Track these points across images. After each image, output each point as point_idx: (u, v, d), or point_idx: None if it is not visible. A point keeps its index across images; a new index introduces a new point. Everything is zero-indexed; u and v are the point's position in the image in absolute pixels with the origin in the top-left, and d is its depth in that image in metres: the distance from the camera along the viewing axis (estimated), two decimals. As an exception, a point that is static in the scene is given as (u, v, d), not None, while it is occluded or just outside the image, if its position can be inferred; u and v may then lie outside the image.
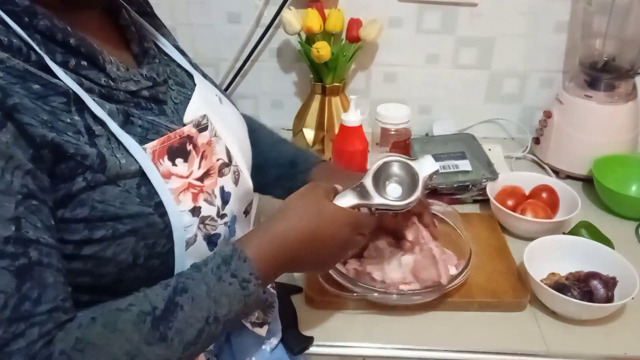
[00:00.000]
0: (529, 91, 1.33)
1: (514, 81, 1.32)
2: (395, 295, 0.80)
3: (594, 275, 0.84)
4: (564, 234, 0.98)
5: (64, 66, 0.54)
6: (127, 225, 0.54)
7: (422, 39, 1.27)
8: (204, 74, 0.78)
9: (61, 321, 0.49)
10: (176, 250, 0.58)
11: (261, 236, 0.61)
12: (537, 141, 1.26)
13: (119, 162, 0.54)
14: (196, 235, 0.59)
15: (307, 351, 0.77)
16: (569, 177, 1.18)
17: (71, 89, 0.53)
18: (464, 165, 1.11)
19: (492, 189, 1.05)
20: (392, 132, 1.07)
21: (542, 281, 0.84)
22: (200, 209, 0.59)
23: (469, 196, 1.09)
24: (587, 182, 1.15)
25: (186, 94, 0.68)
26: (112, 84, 0.58)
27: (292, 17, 1.17)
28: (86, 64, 0.57)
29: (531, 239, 0.91)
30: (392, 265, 0.82)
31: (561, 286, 0.83)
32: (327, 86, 1.23)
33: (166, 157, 0.57)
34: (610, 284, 0.83)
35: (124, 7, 0.68)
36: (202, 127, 0.63)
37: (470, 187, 1.07)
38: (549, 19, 1.24)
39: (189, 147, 0.60)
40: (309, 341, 0.78)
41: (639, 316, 0.84)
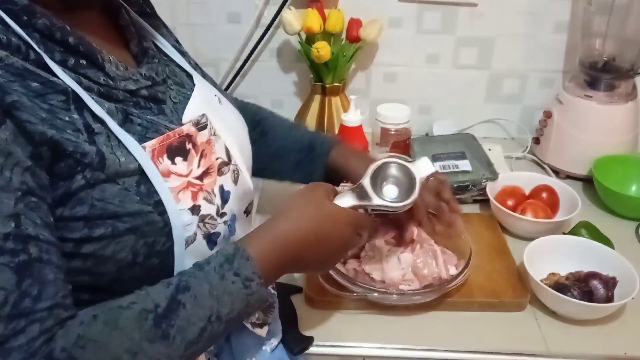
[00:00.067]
0: (529, 91, 1.33)
1: (514, 81, 1.32)
2: (395, 295, 0.80)
3: (594, 275, 0.84)
4: (564, 234, 0.98)
5: (63, 65, 0.54)
6: (126, 223, 0.54)
7: (422, 39, 1.27)
8: (205, 74, 0.79)
9: (61, 318, 0.49)
10: (176, 248, 0.57)
11: (263, 236, 0.61)
12: (537, 141, 1.26)
13: (119, 160, 0.54)
14: (196, 233, 0.59)
15: (307, 351, 0.77)
16: (569, 177, 1.18)
17: (70, 87, 0.53)
18: (464, 165, 1.11)
19: (492, 189, 1.05)
20: (392, 132, 1.07)
21: (542, 281, 0.84)
22: (199, 207, 0.59)
23: (469, 196, 1.09)
24: (587, 182, 1.15)
25: (185, 94, 0.68)
26: (111, 82, 0.58)
27: (292, 17, 1.17)
28: (85, 62, 0.57)
29: (531, 239, 0.91)
30: (392, 263, 0.82)
31: (561, 286, 0.83)
32: (327, 86, 1.23)
33: (165, 156, 0.57)
34: (610, 284, 0.83)
35: (123, 8, 0.68)
36: (201, 125, 0.63)
37: (470, 187, 1.07)
38: (549, 19, 1.24)
39: (189, 145, 0.60)
40: (309, 341, 0.78)
41: (639, 316, 0.84)
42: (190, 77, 0.72)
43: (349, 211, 0.68)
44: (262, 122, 0.91)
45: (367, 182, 0.70)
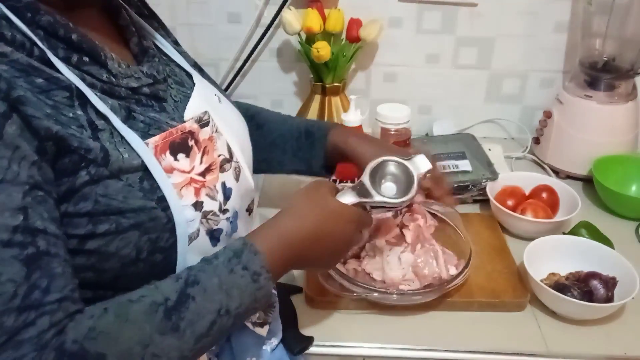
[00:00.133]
0: (529, 91, 1.33)
1: (514, 81, 1.32)
2: (395, 295, 0.80)
3: (594, 275, 0.84)
4: (564, 234, 0.98)
5: (66, 62, 0.55)
6: (130, 219, 0.54)
7: (422, 39, 1.27)
8: (204, 74, 0.79)
9: (70, 312, 0.49)
10: (179, 245, 0.58)
11: (269, 232, 0.62)
12: (537, 141, 1.26)
13: (122, 157, 0.54)
14: (199, 230, 0.59)
15: (307, 351, 0.77)
16: (569, 177, 1.18)
17: (74, 84, 0.53)
18: (464, 165, 1.11)
19: (492, 189, 1.05)
20: (392, 132, 1.07)
21: (542, 281, 0.84)
22: (202, 203, 0.59)
23: (469, 196, 1.09)
24: (587, 182, 1.15)
25: (185, 93, 0.68)
26: (114, 80, 0.59)
27: (292, 17, 1.17)
28: (88, 60, 0.57)
29: (531, 239, 0.91)
30: (392, 263, 0.82)
31: (561, 286, 0.83)
32: (327, 86, 1.23)
33: (168, 152, 0.58)
34: (610, 284, 0.83)
35: (123, 7, 0.68)
36: (203, 122, 0.63)
37: (470, 187, 1.07)
38: (549, 19, 1.24)
39: (191, 142, 0.60)
40: (309, 341, 0.78)
41: (639, 316, 0.84)
42: (190, 76, 0.72)
43: (352, 208, 0.68)
44: (256, 116, 0.92)
45: (366, 179, 0.71)
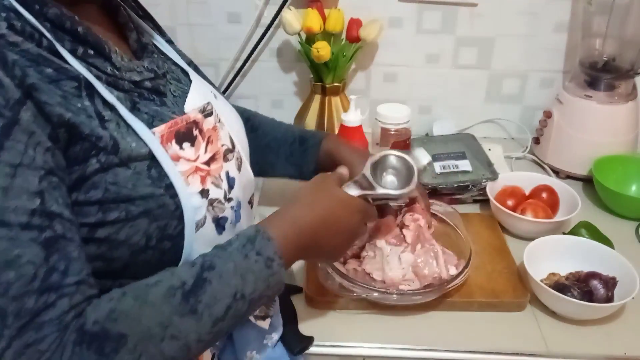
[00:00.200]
0: (529, 91, 1.33)
1: (514, 81, 1.32)
2: (395, 295, 0.80)
3: (594, 275, 0.84)
4: (564, 234, 0.98)
5: (72, 54, 0.56)
6: (139, 206, 0.55)
7: (422, 39, 1.27)
8: (200, 72, 0.80)
9: (88, 295, 0.50)
10: (186, 232, 0.59)
11: (280, 220, 0.64)
12: (537, 141, 1.26)
13: (130, 145, 0.55)
14: (205, 217, 0.60)
15: (307, 351, 0.77)
16: (569, 177, 1.18)
17: (82, 74, 0.54)
18: (464, 165, 1.11)
19: (492, 189, 1.05)
20: (392, 132, 1.07)
21: (542, 281, 0.84)
22: (208, 191, 0.61)
23: (469, 196, 1.09)
24: (587, 182, 1.15)
25: (183, 89, 0.70)
26: (117, 73, 0.60)
27: (292, 17, 1.17)
28: (93, 52, 0.58)
29: (531, 239, 0.91)
30: (392, 263, 0.82)
31: (561, 286, 0.83)
32: (327, 86, 1.23)
33: (174, 141, 0.59)
34: (610, 284, 0.83)
35: (121, 6, 0.69)
36: (207, 112, 0.65)
37: (470, 187, 1.07)
38: (549, 19, 1.24)
39: (195, 132, 0.62)
40: (309, 341, 0.78)
41: (639, 316, 0.84)
42: (186, 73, 0.74)
43: (358, 199, 0.71)
44: (251, 119, 0.93)
45: (368, 173, 0.73)
